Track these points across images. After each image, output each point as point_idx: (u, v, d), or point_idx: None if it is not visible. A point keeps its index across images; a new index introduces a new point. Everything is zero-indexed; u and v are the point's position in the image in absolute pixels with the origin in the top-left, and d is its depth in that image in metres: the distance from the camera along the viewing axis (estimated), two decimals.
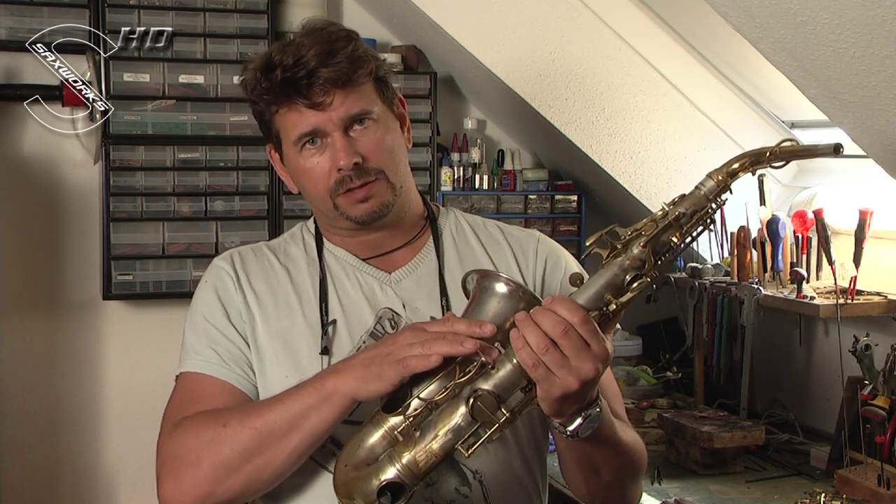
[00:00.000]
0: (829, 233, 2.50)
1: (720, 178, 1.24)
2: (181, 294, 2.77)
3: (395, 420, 1.21)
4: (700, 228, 1.25)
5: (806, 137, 2.92)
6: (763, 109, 2.93)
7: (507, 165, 3.18)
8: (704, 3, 1.79)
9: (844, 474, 2.20)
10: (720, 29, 2.21)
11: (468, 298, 1.31)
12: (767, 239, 2.64)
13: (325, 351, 1.41)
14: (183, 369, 1.44)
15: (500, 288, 1.26)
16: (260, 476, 1.31)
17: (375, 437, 1.22)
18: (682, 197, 1.25)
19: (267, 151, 1.52)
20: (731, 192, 1.27)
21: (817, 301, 2.46)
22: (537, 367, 1.16)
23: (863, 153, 2.11)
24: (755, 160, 1.25)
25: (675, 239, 1.23)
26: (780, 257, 2.64)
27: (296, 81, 1.37)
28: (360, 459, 1.22)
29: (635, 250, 1.21)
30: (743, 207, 2.76)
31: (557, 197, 3.20)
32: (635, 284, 1.21)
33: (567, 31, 2.82)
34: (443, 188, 3.09)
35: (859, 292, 2.44)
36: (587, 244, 1.24)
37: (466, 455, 1.20)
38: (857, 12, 1.53)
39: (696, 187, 1.25)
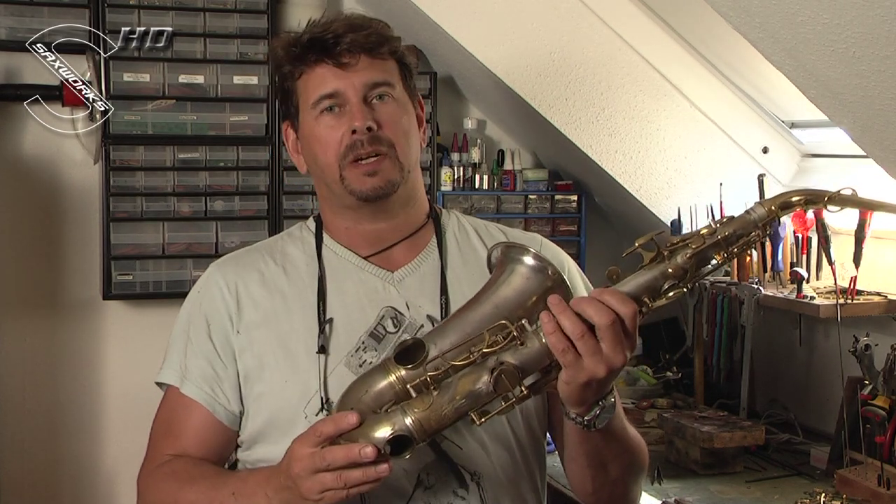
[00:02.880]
0: (829, 233, 2.50)
1: (772, 207, 1.24)
2: (181, 294, 2.71)
3: (406, 373, 1.21)
4: (741, 252, 1.26)
5: (806, 137, 2.93)
6: (763, 109, 2.93)
7: (507, 165, 3.18)
8: (704, 3, 1.79)
9: (844, 474, 2.20)
10: (720, 29, 2.21)
11: (490, 273, 1.31)
12: (767, 239, 2.64)
13: (322, 350, 1.41)
14: (160, 378, 1.49)
15: (528, 261, 1.26)
16: None
17: (383, 385, 1.22)
18: (731, 218, 1.26)
19: (283, 131, 1.53)
20: (779, 222, 1.29)
21: (817, 301, 2.46)
22: (567, 353, 1.17)
23: (863, 153, 2.11)
24: (811, 199, 1.25)
25: (717, 257, 1.24)
26: (780, 257, 2.64)
27: (323, 41, 1.40)
28: (365, 405, 1.22)
29: (680, 259, 1.22)
30: (743, 207, 2.75)
31: (557, 197, 3.20)
32: (672, 293, 1.22)
33: (567, 31, 2.82)
34: (443, 188, 3.09)
35: (859, 292, 2.44)
36: (636, 242, 1.24)
37: (478, 423, 1.20)
38: (857, 12, 1.53)
39: (747, 212, 1.26)
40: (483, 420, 1.20)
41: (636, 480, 1.47)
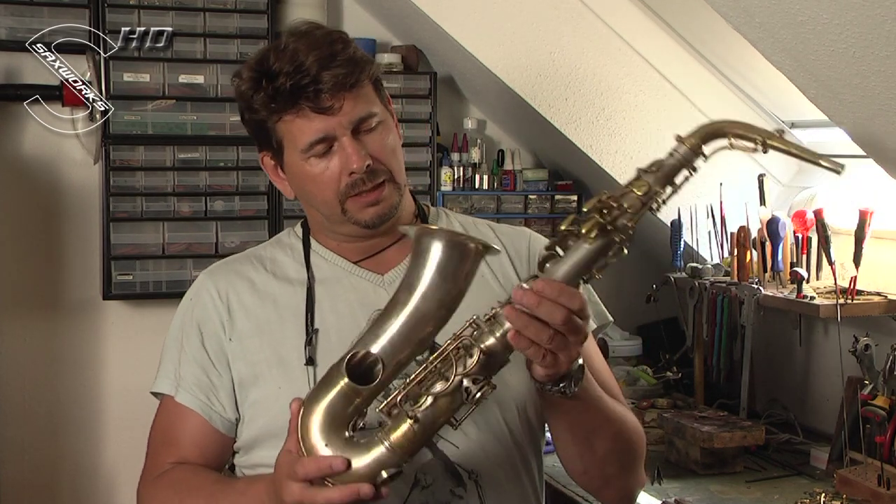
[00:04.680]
0: (829, 233, 2.50)
1: (693, 142, 1.24)
2: (181, 294, 2.72)
3: (366, 391, 1.19)
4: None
5: (806, 137, 2.92)
6: (763, 109, 2.93)
7: (507, 165, 3.18)
8: (704, 3, 1.79)
9: (844, 474, 2.20)
10: (720, 29, 2.21)
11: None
12: (767, 239, 2.64)
13: (311, 361, 1.40)
14: (155, 388, 1.49)
15: (445, 244, 1.19)
16: None
17: (334, 395, 1.19)
18: (660, 164, 1.26)
19: (260, 160, 1.49)
20: (704, 158, 1.28)
21: (817, 301, 2.46)
22: (545, 357, 1.18)
23: (863, 153, 2.11)
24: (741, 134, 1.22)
25: (654, 207, 1.24)
26: (780, 257, 2.64)
27: (302, 88, 1.35)
28: (322, 420, 1.19)
29: (621, 223, 1.20)
30: (743, 207, 2.76)
31: (557, 197, 3.20)
32: (613, 258, 1.22)
33: (567, 31, 2.82)
34: (443, 188, 3.09)
35: (859, 292, 2.44)
36: (585, 208, 1.21)
37: (454, 428, 1.20)
38: (857, 12, 1.53)
39: (671, 154, 1.26)
40: (458, 424, 1.20)
41: (630, 466, 1.46)
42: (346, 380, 1.18)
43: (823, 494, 2.17)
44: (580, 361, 1.27)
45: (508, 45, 2.81)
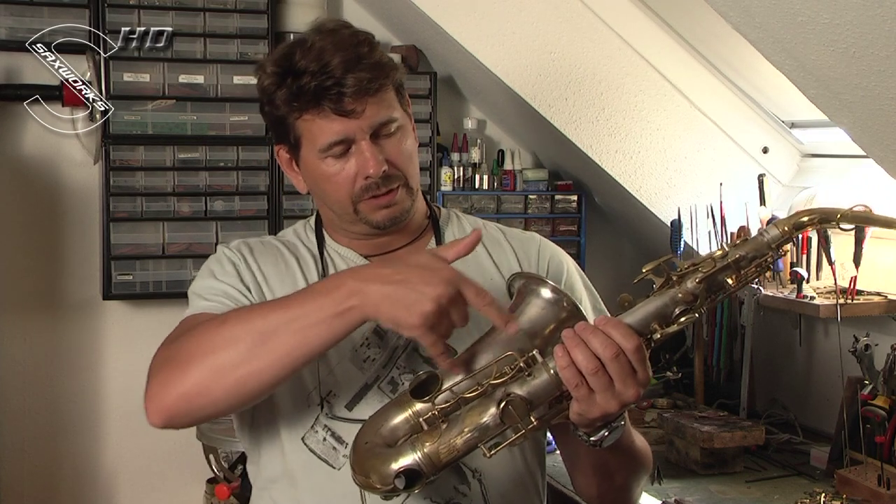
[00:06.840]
0: (829, 233, 2.50)
1: (786, 228, 1.22)
2: (181, 294, 2.73)
3: (421, 406, 1.21)
4: (756, 274, 1.24)
5: (806, 137, 2.93)
6: (763, 109, 2.93)
7: (507, 165, 3.18)
8: (704, 2, 1.79)
9: (844, 474, 2.20)
10: (720, 29, 2.21)
11: (511, 299, 1.31)
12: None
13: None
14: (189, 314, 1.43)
15: (545, 294, 1.25)
16: (246, 384, 1.22)
17: (399, 420, 1.22)
18: (745, 240, 1.24)
19: (275, 152, 1.50)
20: (793, 243, 1.27)
21: (817, 301, 2.46)
22: (580, 388, 1.15)
23: (863, 153, 2.11)
24: (824, 218, 1.23)
25: (730, 280, 1.21)
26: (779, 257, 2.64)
27: (326, 89, 1.35)
28: (381, 439, 1.22)
29: (690, 284, 1.20)
30: (743, 207, 2.76)
31: (557, 197, 3.20)
32: (683, 318, 1.20)
33: (567, 31, 2.82)
34: (443, 188, 3.09)
35: (859, 292, 2.44)
36: (643, 269, 1.22)
37: (488, 455, 1.19)
38: (857, 12, 1.53)
39: (760, 233, 1.24)
40: (493, 452, 1.19)
41: (639, 483, 1.49)
42: (415, 405, 1.21)
43: (823, 494, 2.17)
44: (622, 423, 1.25)
45: (508, 45, 2.82)
